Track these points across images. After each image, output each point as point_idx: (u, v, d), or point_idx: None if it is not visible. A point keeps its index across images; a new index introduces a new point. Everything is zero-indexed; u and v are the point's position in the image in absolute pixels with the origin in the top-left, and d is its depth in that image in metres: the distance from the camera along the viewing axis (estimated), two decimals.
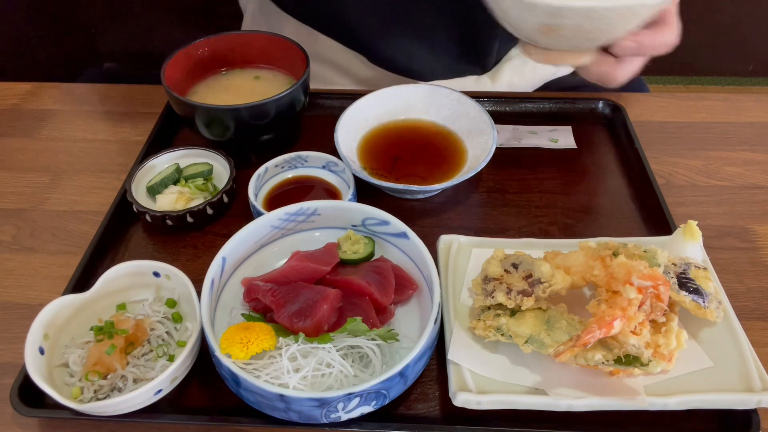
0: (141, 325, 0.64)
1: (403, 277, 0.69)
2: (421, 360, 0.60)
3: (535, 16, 0.69)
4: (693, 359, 0.61)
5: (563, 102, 0.99)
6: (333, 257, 0.70)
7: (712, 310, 0.62)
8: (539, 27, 0.71)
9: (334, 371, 0.59)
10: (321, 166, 0.85)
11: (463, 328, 0.64)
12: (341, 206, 0.74)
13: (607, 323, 0.56)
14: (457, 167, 0.84)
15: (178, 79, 0.87)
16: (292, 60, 0.90)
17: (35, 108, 1.02)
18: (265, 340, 0.59)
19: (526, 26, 0.72)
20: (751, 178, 0.88)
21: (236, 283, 0.70)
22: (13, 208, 0.85)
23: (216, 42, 0.92)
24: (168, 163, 0.84)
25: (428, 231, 0.75)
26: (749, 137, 0.93)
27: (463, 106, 0.89)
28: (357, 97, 0.89)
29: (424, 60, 1.02)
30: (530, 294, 0.61)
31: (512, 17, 0.73)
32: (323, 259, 0.69)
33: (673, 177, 0.88)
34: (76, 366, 0.62)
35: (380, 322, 0.65)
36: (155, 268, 0.67)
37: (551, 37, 0.72)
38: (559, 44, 0.74)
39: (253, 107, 0.80)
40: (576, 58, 0.77)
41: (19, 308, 0.73)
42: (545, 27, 0.70)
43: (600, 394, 0.59)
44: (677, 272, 0.63)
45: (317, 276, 0.68)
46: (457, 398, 0.58)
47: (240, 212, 0.82)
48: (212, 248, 0.68)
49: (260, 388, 0.56)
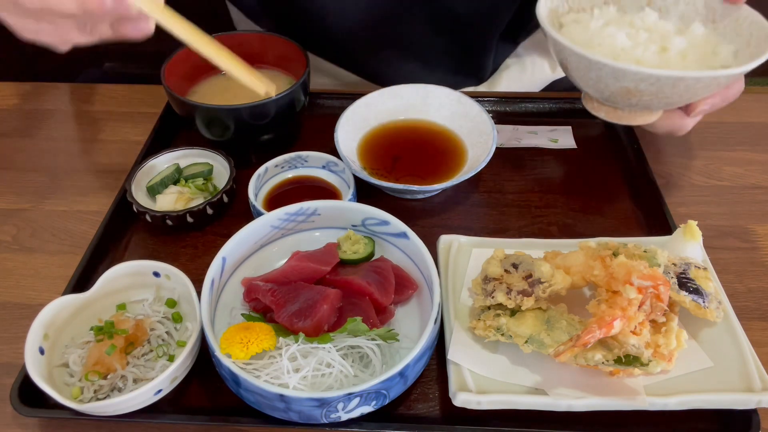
0: (141, 325, 0.64)
1: (403, 277, 0.69)
2: (421, 360, 0.60)
3: (621, 81, 0.69)
4: (693, 359, 0.61)
5: (563, 102, 0.99)
6: (333, 257, 0.70)
7: (712, 310, 0.62)
8: (620, 90, 0.71)
9: (334, 371, 0.59)
10: (321, 166, 0.85)
11: (463, 328, 0.64)
12: (341, 206, 0.74)
13: (607, 323, 0.56)
14: (457, 167, 0.84)
15: (178, 79, 0.87)
16: (292, 60, 0.90)
17: (35, 108, 1.02)
18: (265, 340, 0.59)
19: (607, 89, 0.72)
20: (751, 178, 0.88)
21: (236, 283, 0.70)
22: (13, 208, 0.85)
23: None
24: (168, 163, 0.84)
25: (428, 231, 0.75)
26: (749, 137, 0.93)
27: (463, 106, 0.89)
28: (357, 97, 0.89)
29: (416, 75, 1.00)
30: (530, 294, 0.61)
31: (593, 80, 0.73)
32: (323, 259, 0.69)
33: (673, 177, 0.88)
34: (76, 366, 0.62)
35: (380, 322, 0.65)
36: (155, 268, 0.67)
37: (631, 99, 0.72)
38: (631, 105, 0.74)
39: (253, 107, 0.80)
40: (646, 118, 0.77)
41: (19, 308, 0.73)
42: (625, 90, 0.70)
43: (600, 394, 0.59)
44: (677, 272, 0.63)
45: (317, 276, 0.68)
46: (457, 398, 0.58)
47: (240, 212, 0.82)
48: (212, 248, 0.68)
49: (260, 388, 0.56)
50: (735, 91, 0.75)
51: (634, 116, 0.77)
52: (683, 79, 0.67)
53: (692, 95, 0.70)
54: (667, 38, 0.75)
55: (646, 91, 0.69)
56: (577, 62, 0.72)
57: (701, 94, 0.71)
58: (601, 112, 0.80)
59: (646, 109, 0.75)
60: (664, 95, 0.70)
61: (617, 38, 0.74)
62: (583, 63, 0.71)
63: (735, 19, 0.76)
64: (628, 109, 0.76)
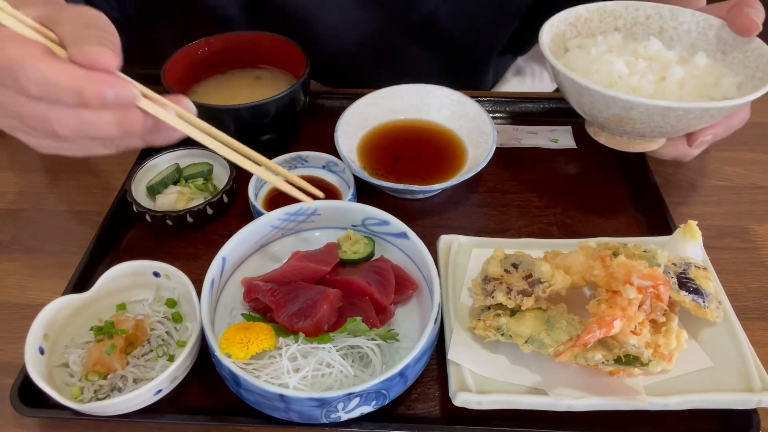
0: (141, 325, 0.64)
1: (403, 277, 0.69)
2: (421, 360, 0.60)
3: (611, 108, 0.70)
4: (693, 359, 0.61)
5: (563, 102, 0.98)
6: (333, 257, 0.70)
7: (712, 310, 0.62)
8: (613, 117, 0.72)
9: (334, 371, 0.59)
10: (321, 166, 0.85)
11: (463, 328, 0.64)
12: (341, 206, 0.74)
13: (607, 323, 0.56)
14: (457, 167, 0.84)
15: (178, 79, 0.87)
16: (292, 60, 0.90)
17: None
18: (265, 340, 0.59)
19: (600, 115, 0.73)
20: (751, 178, 0.88)
21: (236, 283, 0.70)
22: (13, 208, 0.85)
23: (216, 42, 0.92)
24: (168, 163, 0.84)
25: (428, 231, 0.75)
26: (749, 137, 0.93)
27: (463, 106, 0.89)
28: (357, 97, 0.89)
29: None
30: (530, 294, 0.61)
31: (587, 105, 0.74)
32: (323, 259, 0.69)
33: (673, 177, 0.88)
34: (76, 366, 0.62)
35: (380, 322, 0.65)
36: (155, 268, 0.67)
37: (624, 126, 0.73)
38: (627, 132, 0.75)
39: (253, 107, 0.80)
40: (645, 146, 0.77)
41: (19, 308, 0.73)
42: (618, 117, 0.71)
43: (600, 394, 0.59)
44: (677, 272, 0.63)
45: (317, 276, 0.68)
46: (457, 398, 0.58)
47: (240, 212, 0.82)
48: (212, 248, 0.68)
49: (260, 388, 0.56)
50: (738, 121, 0.75)
51: (633, 144, 0.77)
52: (672, 110, 0.67)
53: (686, 126, 0.71)
54: (666, 68, 0.75)
55: (638, 119, 0.70)
56: (571, 87, 0.73)
57: (696, 124, 0.71)
58: (601, 137, 0.80)
59: (642, 137, 0.75)
60: (656, 124, 0.70)
61: (615, 65, 0.75)
62: (576, 88, 0.72)
63: (744, 51, 0.77)
64: (626, 136, 0.77)
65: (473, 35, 1.00)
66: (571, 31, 0.84)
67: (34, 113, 0.50)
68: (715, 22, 0.79)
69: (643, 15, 0.84)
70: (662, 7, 0.83)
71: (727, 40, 0.79)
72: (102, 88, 0.49)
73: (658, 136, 0.75)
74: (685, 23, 0.82)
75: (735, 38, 0.78)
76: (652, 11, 0.84)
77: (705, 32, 0.80)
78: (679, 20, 0.82)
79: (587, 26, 0.84)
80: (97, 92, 0.49)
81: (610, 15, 0.85)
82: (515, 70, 1.17)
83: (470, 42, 1.01)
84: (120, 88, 0.49)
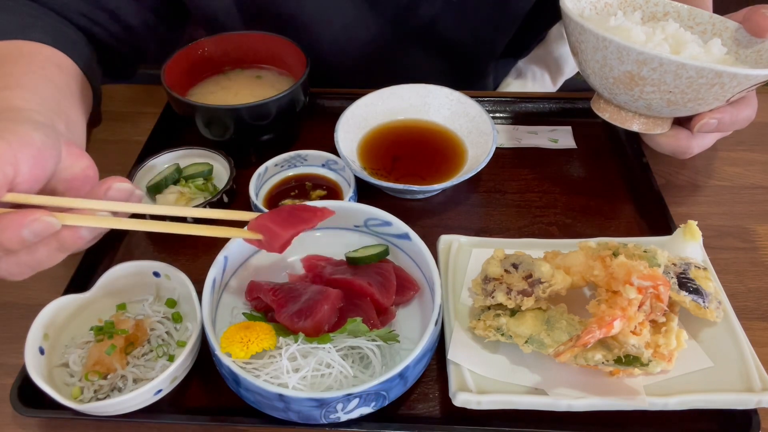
0: (141, 325, 0.64)
1: (404, 279, 0.68)
2: (422, 362, 0.60)
3: (624, 63, 0.69)
4: (693, 359, 0.61)
5: (563, 102, 0.99)
6: (313, 213, 0.61)
7: (712, 310, 0.62)
8: (623, 75, 0.71)
9: (333, 371, 0.59)
10: (320, 165, 0.85)
11: (463, 328, 0.64)
12: (343, 207, 0.74)
13: (607, 323, 0.56)
14: (457, 167, 0.84)
15: (178, 79, 0.87)
16: (292, 60, 0.90)
17: None
18: (265, 340, 0.59)
19: (611, 74, 0.72)
20: (751, 178, 0.88)
21: (237, 283, 0.70)
22: None
23: (216, 42, 0.92)
24: (168, 163, 0.84)
25: (428, 231, 0.75)
26: (749, 137, 0.93)
27: (463, 106, 0.89)
28: (357, 97, 0.89)
29: None
30: (530, 294, 0.61)
31: (599, 63, 0.72)
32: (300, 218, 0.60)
33: (673, 177, 0.88)
34: (76, 366, 0.62)
35: (381, 323, 0.64)
36: (155, 268, 0.67)
37: (633, 90, 0.72)
38: (636, 103, 0.74)
39: (253, 107, 0.80)
40: (650, 126, 0.77)
41: (19, 308, 0.72)
42: (629, 76, 0.70)
43: (600, 394, 0.59)
44: (677, 272, 0.63)
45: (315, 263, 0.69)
46: (457, 398, 0.58)
47: None
48: (212, 248, 0.68)
49: (260, 388, 0.56)
50: (745, 116, 0.74)
51: (638, 121, 0.77)
52: (686, 68, 0.66)
53: (695, 94, 0.69)
54: (682, 44, 0.75)
55: (648, 79, 0.69)
56: (585, 40, 0.72)
57: (705, 96, 0.70)
58: (605, 113, 0.80)
59: (647, 110, 0.75)
60: (666, 88, 0.69)
61: (633, 31, 0.74)
62: (591, 41, 0.71)
63: (758, 51, 0.77)
64: (633, 110, 0.76)
65: (474, 40, 1.00)
66: (590, 9, 0.84)
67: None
68: (732, 25, 0.79)
69: (661, 11, 0.84)
70: (681, 6, 0.83)
71: (741, 41, 0.79)
72: (17, 232, 0.47)
73: (665, 113, 0.74)
74: (702, 24, 0.82)
75: (750, 40, 0.78)
76: (671, 9, 0.84)
77: (720, 34, 0.80)
78: (696, 20, 0.82)
79: (607, 10, 0.85)
80: (13, 239, 0.47)
81: (630, 5, 0.85)
82: (516, 73, 1.17)
83: (471, 47, 1.01)
84: (35, 225, 0.47)
